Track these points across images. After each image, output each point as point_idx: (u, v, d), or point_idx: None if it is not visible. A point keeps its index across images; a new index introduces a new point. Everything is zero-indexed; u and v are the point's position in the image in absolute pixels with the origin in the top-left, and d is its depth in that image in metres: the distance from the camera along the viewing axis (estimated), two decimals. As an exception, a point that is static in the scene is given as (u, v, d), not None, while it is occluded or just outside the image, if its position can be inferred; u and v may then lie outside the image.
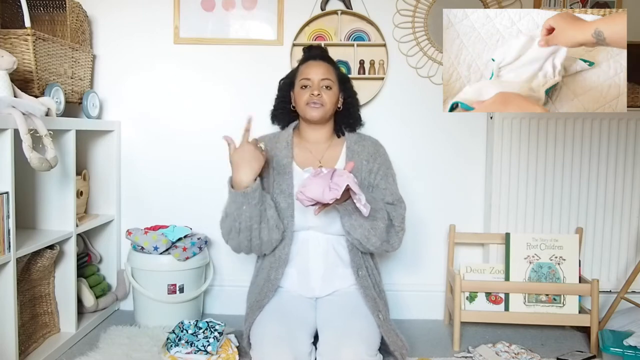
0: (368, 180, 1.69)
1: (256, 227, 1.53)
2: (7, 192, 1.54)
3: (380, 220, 1.54)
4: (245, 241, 1.57)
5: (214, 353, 1.71)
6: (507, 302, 2.04)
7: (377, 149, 1.74)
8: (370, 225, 1.53)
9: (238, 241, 1.58)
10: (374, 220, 1.52)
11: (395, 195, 1.68)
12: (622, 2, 2.21)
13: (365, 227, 1.53)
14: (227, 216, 1.56)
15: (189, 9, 2.23)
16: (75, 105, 2.13)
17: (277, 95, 1.83)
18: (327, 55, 1.76)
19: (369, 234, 1.54)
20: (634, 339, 1.75)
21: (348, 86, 1.78)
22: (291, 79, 1.76)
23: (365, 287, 1.62)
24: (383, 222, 1.54)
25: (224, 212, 1.59)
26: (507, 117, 2.16)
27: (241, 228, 1.53)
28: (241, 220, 1.52)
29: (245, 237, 1.55)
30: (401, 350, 1.56)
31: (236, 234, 1.55)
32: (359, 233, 1.55)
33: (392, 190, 1.68)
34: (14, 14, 2.05)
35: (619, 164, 2.17)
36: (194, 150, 2.29)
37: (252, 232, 1.54)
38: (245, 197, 1.48)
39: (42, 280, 1.87)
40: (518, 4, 2.20)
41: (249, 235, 1.55)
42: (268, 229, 1.55)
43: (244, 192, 1.48)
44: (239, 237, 1.56)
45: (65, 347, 1.87)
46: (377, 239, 1.56)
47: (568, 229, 2.19)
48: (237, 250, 1.63)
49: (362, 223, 1.52)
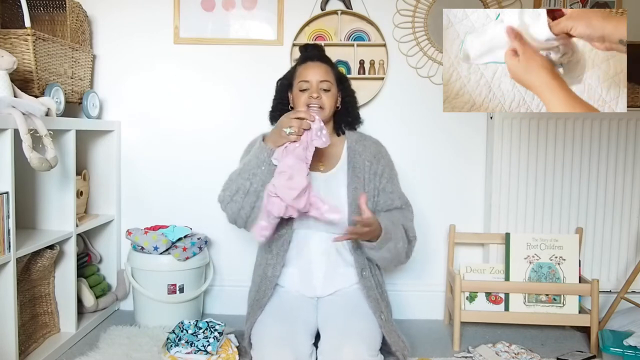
0: (373, 183, 1.68)
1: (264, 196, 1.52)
2: (7, 192, 1.54)
3: (402, 244, 1.60)
4: (248, 207, 1.55)
5: (214, 353, 1.71)
6: (507, 302, 2.04)
7: (379, 149, 1.74)
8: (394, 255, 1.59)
9: (240, 205, 1.55)
10: (396, 248, 1.58)
11: (403, 199, 1.71)
12: (622, 2, 2.21)
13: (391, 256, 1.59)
14: (240, 173, 1.54)
15: (189, 9, 2.23)
16: (75, 105, 2.13)
17: (274, 97, 1.81)
18: (324, 55, 1.75)
19: (394, 261, 1.62)
20: (634, 339, 1.75)
21: (346, 85, 1.78)
22: (289, 80, 1.75)
23: (368, 288, 1.62)
24: (403, 244, 1.61)
25: (236, 171, 1.58)
26: (507, 117, 2.16)
27: (250, 190, 1.52)
28: (253, 181, 1.51)
29: (249, 202, 1.54)
30: (403, 351, 1.56)
31: (243, 195, 1.53)
32: (388, 263, 1.63)
33: (399, 194, 1.72)
34: (14, 14, 2.05)
35: (619, 164, 2.17)
36: (194, 150, 2.29)
37: (259, 199, 1.53)
38: (270, 155, 1.50)
39: (42, 280, 1.87)
40: (518, 4, 2.20)
41: (254, 201, 1.53)
42: None
43: (271, 149, 1.50)
44: (243, 200, 1.53)
45: (65, 347, 1.88)
46: (401, 259, 1.64)
47: (568, 229, 2.19)
48: (233, 218, 1.60)
49: (385, 256, 1.58)
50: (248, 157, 1.56)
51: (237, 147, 1.78)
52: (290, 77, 1.75)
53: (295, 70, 1.73)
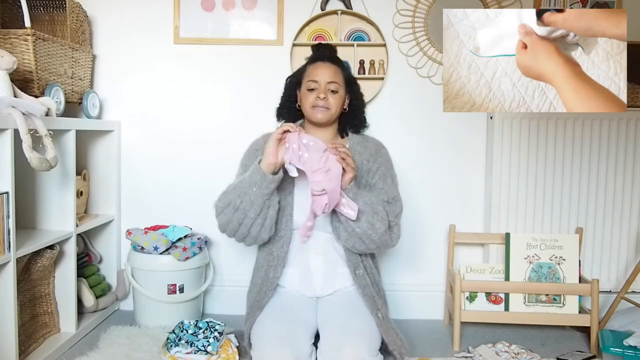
0: (365, 179, 1.67)
1: (251, 216, 1.52)
2: (7, 192, 1.54)
3: (379, 225, 1.53)
4: (236, 222, 1.54)
5: (214, 353, 1.71)
6: (507, 302, 2.04)
7: (379, 150, 1.73)
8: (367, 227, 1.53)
9: (229, 219, 1.55)
10: (373, 223, 1.52)
11: (392, 194, 1.65)
12: (622, 2, 2.21)
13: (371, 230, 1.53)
14: (234, 189, 1.54)
15: (189, 9, 2.23)
16: (75, 105, 2.13)
17: (283, 93, 1.80)
18: (335, 56, 1.74)
19: (374, 239, 1.55)
20: (634, 339, 1.75)
21: (355, 88, 1.77)
22: (298, 77, 1.74)
23: (363, 286, 1.61)
24: (382, 224, 1.54)
25: (232, 184, 1.58)
26: (507, 117, 2.17)
27: (239, 208, 1.52)
28: (244, 199, 1.51)
29: (237, 218, 1.53)
30: (400, 350, 1.56)
31: (232, 210, 1.53)
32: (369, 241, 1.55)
33: (390, 191, 1.66)
34: (14, 14, 2.05)
35: (619, 164, 2.17)
36: (194, 150, 2.29)
37: (246, 218, 1.52)
38: (263, 179, 1.48)
39: (42, 280, 1.87)
40: (518, 4, 2.20)
41: (242, 219, 1.53)
42: (261, 226, 1.54)
43: (264, 174, 1.48)
44: (232, 215, 1.54)
45: (65, 347, 1.88)
46: (382, 239, 1.56)
47: (568, 229, 2.19)
48: (223, 228, 1.60)
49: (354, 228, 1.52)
50: (245, 175, 1.56)
51: (237, 147, 1.79)
52: (299, 75, 1.74)
53: (305, 69, 1.73)
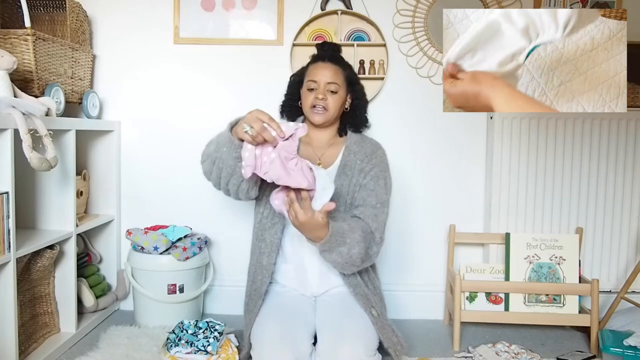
0: (357, 178, 1.65)
1: (225, 175, 1.51)
2: (7, 192, 1.54)
3: (357, 250, 1.48)
4: (215, 175, 1.54)
5: (214, 353, 1.71)
6: (507, 302, 2.04)
7: (375, 151, 1.72)
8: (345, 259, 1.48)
9: (210, 169, 1.54)
10: (349, 253, 1.47)
11: (379, 198, 1.61)
12: (622, 2, 2.21)
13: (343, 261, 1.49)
14: (211, 143, 1.54)
15: (189, 9, 2.23)
16: (75, 105, 2.13)
17: (286, 92, 1.82)
18: (337, 56, 1.74)
19: (348, 266, 1.52)
20: (634, 339, 1.75)
21: (357, 88, 1.76)
22: (300, 77, 1.76)
23: (354, 286, 1.61)
24: (359, 250, 1.48)
25: (214, 139, 1.55)
26: (507, 117, 2.17)
27: (215, 162, 1.51)
28: (217, 156, 1.49)
29: (215, 172, 1.53)
30: (395, 347, 1.55)
31: (211, 163, 1.53)
32: (341, 268, 1.54)
33: (379, 193, 1.62)
34: (14, 14, 2.05)
35: (619, 164, 2.17)
36: (194, 150, 2.26)
37: (222, 173, 1.51)
38: (231, 143, 1.44)
39: (42, 280, 1.87)
40: (518, 4, 2.20)
41: (219, 173, 1.52)
42: (238, 186, 1.53)
43: (231, 139, 1.43)
44: (212, 167, 1.53)
45: (65, 347, 1.88)
46: (356, 263, 1.52)
47: (568, 229, 2.19)
48: (207, 176, 1.59)
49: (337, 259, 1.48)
50: (221, 132, 1.52)
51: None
52: (301, 74, 1.76)
53: (307, 68, 1.74)
